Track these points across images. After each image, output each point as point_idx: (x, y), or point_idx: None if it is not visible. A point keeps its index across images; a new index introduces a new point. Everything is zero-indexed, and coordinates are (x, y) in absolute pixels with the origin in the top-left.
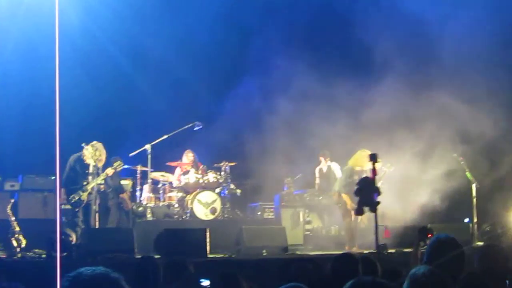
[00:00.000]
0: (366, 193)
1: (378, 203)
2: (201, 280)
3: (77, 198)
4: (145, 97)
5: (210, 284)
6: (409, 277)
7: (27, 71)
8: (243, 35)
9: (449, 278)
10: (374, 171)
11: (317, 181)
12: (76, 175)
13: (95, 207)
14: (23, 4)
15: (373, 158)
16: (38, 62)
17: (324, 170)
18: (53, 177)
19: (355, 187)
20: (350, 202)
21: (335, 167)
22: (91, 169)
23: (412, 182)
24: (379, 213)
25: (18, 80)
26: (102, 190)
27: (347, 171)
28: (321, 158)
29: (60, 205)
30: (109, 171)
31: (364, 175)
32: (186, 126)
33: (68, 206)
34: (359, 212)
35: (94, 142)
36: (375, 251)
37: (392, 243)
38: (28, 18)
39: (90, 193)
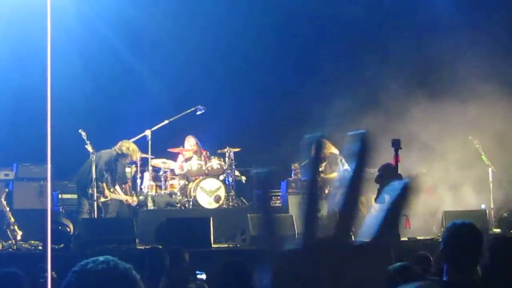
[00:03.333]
0: (388, 180)
1: None
2: (198, 272)
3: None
4: (143, 82)
5: (219, 274)
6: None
7: (18, 56)
8: (246, 13)
9: None
10: (396, 158)
11: None
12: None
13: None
14: None
15: (396, 144)
16: (29, 48)
17: None
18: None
19: None
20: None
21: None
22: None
23: (424, 167)
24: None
25: (9, 64)
26: None
27: None
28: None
29: (57, 194)
30: (130, 200)
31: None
32: (188, 111)
33: (68, 196)
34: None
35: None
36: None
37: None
38: (18, 1)
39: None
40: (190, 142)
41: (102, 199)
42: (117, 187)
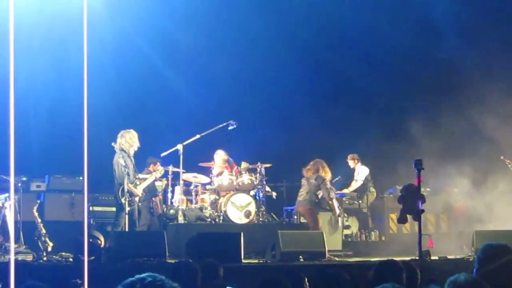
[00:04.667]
0: (410, 200)
1: (422, 211)
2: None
3: (130, 198)
4: (177, 95)
5: None
6: (447, 284)
7: (55, 68)
8: (279, 30)
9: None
10: (419, 178)
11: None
12: (128, 172)
13: (129, 209)
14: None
15: (418, 164)
16: (66, 59)
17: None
18: (80, 178)
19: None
20: None
21: (358, 170)
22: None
23: (457, 187)
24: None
25: (46, 77)
26: None
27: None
28: (349, 161)
29: (88, 206)
30: (158, 174)
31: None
32: (220, 125)
33: (99, 208)
34: (402, 220)
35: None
36: (417, 258)
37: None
38: (55, 13)
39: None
40: (220, 155)
41: (136, 199)
42: (138, 175)
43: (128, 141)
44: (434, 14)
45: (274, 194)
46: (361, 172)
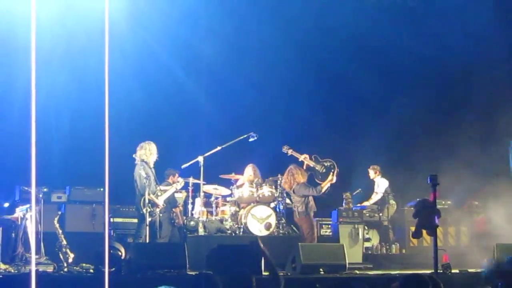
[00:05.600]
0: (425, 215)
1: (437, 226)
2: None
3: (151, 208)
4: (198, 107)
5: None
6: None
7: (76, 80)
8: (300, 43)
9: None
10: (434, 193)
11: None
12: (149, 183)
13: (150, 219)
14: (72, 12)
15: (434, 179)
16: (87, 71)
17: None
18: (101, 189)
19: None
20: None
21: (378, 183)
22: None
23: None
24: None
25: (67, 89)
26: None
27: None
28: (370, 171)
29: (109, 218)
30: (178, 185)
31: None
32: (241, 137)
33: (120, 219)
34: (417, 234)
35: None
36: (439, 271)
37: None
38: (77, 26)
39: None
40: (248, 171)
41: (157, 210)
42: (159, 186)
43: (147, 152)
44: (455, 26)
45: None
46: (381, 184)
